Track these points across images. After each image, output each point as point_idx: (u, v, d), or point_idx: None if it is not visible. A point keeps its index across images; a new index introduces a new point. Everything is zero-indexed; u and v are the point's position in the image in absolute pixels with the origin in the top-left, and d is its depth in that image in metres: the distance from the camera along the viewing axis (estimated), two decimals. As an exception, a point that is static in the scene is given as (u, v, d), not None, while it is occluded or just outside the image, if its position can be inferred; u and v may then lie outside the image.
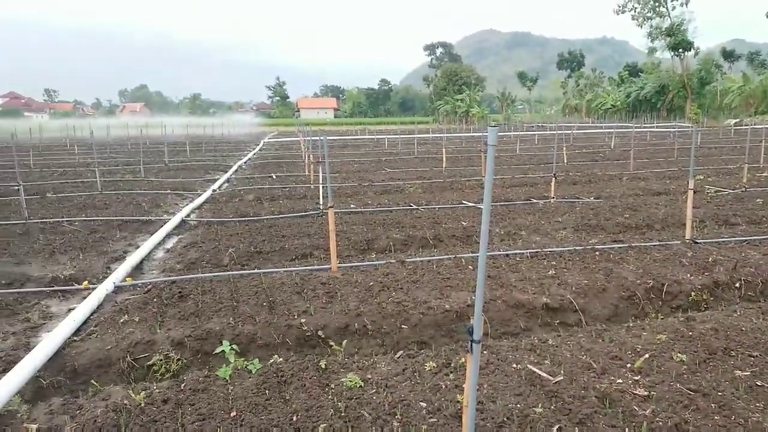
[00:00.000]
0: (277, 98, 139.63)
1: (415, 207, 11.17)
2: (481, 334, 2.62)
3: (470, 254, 7.35)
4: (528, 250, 7.47)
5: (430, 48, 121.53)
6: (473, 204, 11.25)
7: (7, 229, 9.77)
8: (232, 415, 3.56)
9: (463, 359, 4.27)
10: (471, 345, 2.62)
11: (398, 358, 4.55)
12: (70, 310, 6.02)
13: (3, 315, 5.80)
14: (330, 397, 3.78)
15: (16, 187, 10.56)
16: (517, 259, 7.15)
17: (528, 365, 4.16)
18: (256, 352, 4.93)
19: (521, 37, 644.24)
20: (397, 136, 36.06)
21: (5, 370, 4.64)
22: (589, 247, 7.55)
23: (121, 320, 5.46)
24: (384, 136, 36.66)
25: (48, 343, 4.88)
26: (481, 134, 31.05)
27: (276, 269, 7.04)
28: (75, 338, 5.15)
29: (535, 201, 11.58)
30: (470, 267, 6.81)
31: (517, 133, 41.76)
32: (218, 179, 17.12)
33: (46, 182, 16.34)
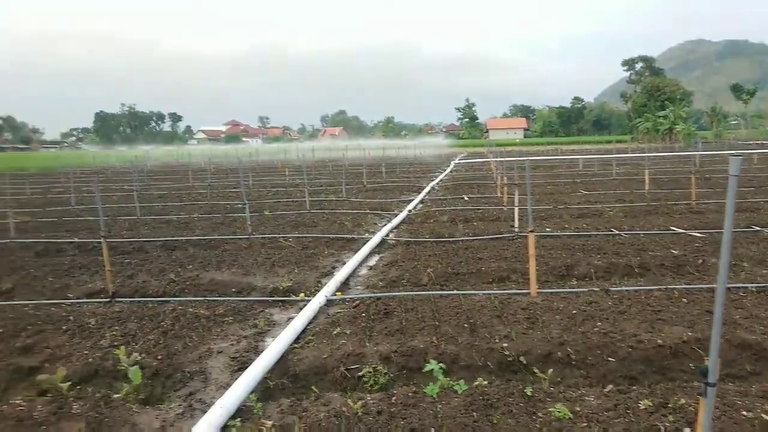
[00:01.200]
0: (466, 119, 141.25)
1: (617, 232, 10.62)
2: (717, 377, 2.44)
3: (684, 286, 6.81)
4: (753, 285, 6.72)
5: (629, 63, 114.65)
6: (684, 231, 10.39)
7: (235, 243, 11.07)
8: (442, 432, 3.68)
9: (683, 401, 3.97)
10: (705, 388, 2.46)
11: (608, 392, 4.36)
12: (290, 319, 6.65)
13: (237, 320, 6.57)
14: (538, 426, 3.75)
15: (242, 206, 11.95)
16: (741, 293, 6.47)
17: (762, 414, 3.75)
18: (458, 373, 5.03)
19: (736, 46, 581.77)
20: (593, 156, 34.49)
21: (240, 369, 5.28)
22: (832, 284, 6.59)
23: (334, 332, 5.90)
24: (578, 157, 35.29)
25: (273, 349, 5.44)
26: (691, 153, 28.53)
27: (475, 291, 7.13)
28: (295, 345, 5.67)
29: (758, 228, 10.37)
30: (684, 300, 6.31)
31: (732, 152, 37.70)
32: (412, 200, 17.75)
33: (262, 201, 18.20)
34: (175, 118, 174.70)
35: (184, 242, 11.34)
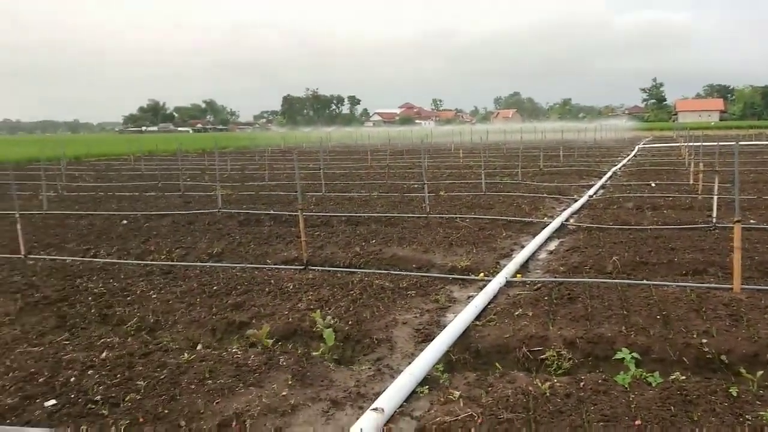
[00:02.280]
0: (653, 101, 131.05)
1: (839, 228, 9.31)
2: None
3: None
4: None
5: None
6: None
7: (414, 221, 11.42)
8: (636, 423, 3.56)
9: None
10: None
11: (831, 402, 3.90)
12: (469, 297, 6.76)
13: (419, 294, 6.82)
14: (747, 429, 3.47)
15: (418, 185, 12.29)
16: None
17: None
18: (650, 365, 4.79)
19: None
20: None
21: (423, 341, 5.50)
22: None
23: (516, 313, 5.90)
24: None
25: (455, 324, 5.58)
26: None
27: (667, 283, 6.71)
28: (477, 323, 5.76)
29: None
30: None
31: None
32: (593, 185, 16.97)
33: (437, 182, 18.49)
34: (354, 101, 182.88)
35: (366, 218, 11.93)
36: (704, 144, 16.55)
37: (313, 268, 8.13)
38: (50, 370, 4.76)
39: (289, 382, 4.44)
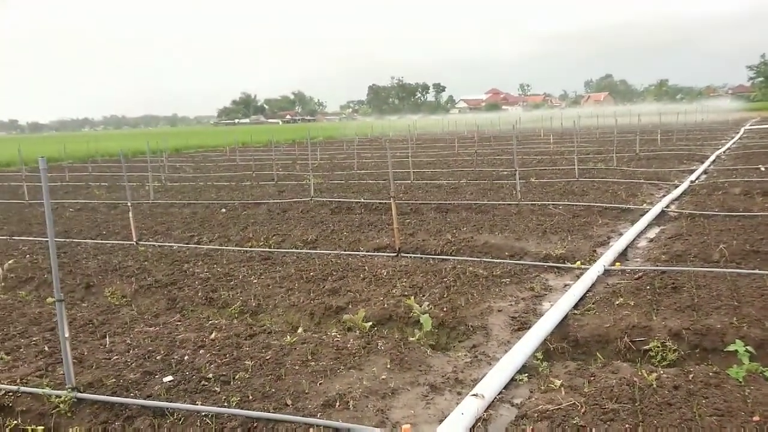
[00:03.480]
0: (760, 79, 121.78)
1: None
2: None
3: None
4: None
5: None
6: None
7: (504, 208, 11.28)
8: (755, 419, 3.38)
9: None
10: None
11: None
12: (565, 285, 6.62)
13: (513, 282, 6.75)
14: None
15: (506, 172, 12.09)
16: None
17: None
18: (765, 359, 4.52)
19: None
20: None
21: (519, 329, 5.45)
22: None
23: (616, 302, 5.72)
24: None
25: (553, 313, 5.49)
26: None
27: (783, 273, 6.29)
28: (575, 312, 5.64)
29: None
30: None
31: None
32: (695, 170, 16.08)
33: (527, 168, 18.11)
34: (439, 88, 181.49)
35: (456, 206, 11.89)
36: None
37: (406, 255, 8.21)
38: (166, 349, 5.11)
39: (388, 366, 4.53)
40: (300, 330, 5.71)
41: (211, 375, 4.51)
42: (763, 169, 15.66)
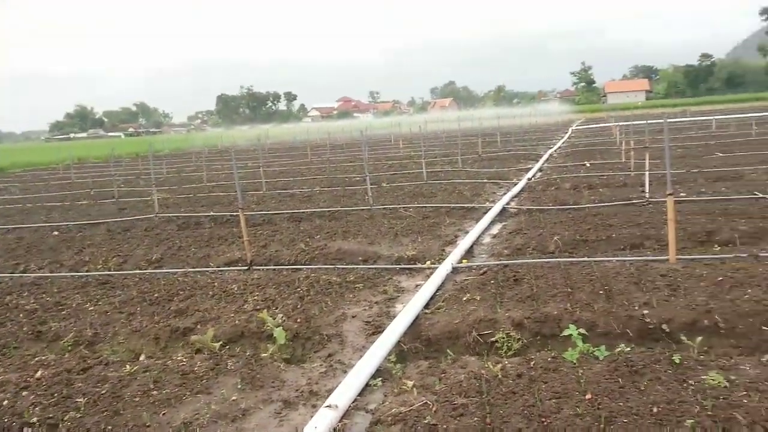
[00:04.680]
0: (582, 84, 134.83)
1: (761, 196, 9.78)
2: None
3: None
4: None
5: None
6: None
7: (356, 214, 11.36)
8: (587, 397, 3.61)
9: None
10: None
11: (766, 361, 4.08)
12: (417, 285, 6.75)
13: (366, 286, 6.77)
14: (691, 393, 3.58)
15: (359, 178, 12.23)
16: None
17: None
18: (596, 340, 4.89)
19: None
20: (728, 117, 31.84)
21: (374, 333, 5.45)
22: None
23: (464, 298, 5.93)
24: (710, 117, 32.72)
25: (405, 314, 5.55)
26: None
27: (607, 258, 6.89)
28: (426, 311, 5.76)
29: None
30: None
31: None
32: (531, 168, 17.32)
33: (379, 173, 18.47)
34: (290, 97, 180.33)
35: (309, 214, 11.79)
36: (633, 123, 17.14)
37: (258, 267, 7.96)
38: (-20, 395, 4.48)
39: (239, 386, 4.31)
40: (142, 357, 5.30)
41: (35, 419, 4.01)
42: (588, 165, 17.23)
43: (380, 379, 4.39)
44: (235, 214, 11.54)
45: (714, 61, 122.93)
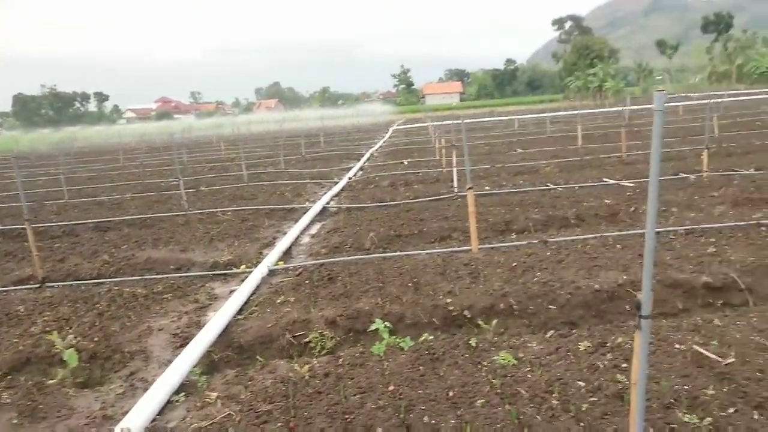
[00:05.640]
0: (402, 86, 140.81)
1: (552, 187, 10.85)
2: (650, 309, 2.51)
3: (618, 233, 7.04)
4: (682, 228, 7.01)
5: (559, 22, 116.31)
6: (616, 181, 10.72)
7: (170, 220, 10.74)
8: (390, 389, 3.69)
9: (620, 339, 4.12)
10: (639, 321, 2.52)
11: (549, 337, 4.47)
12: (231, 291, 6.50)
13: (176, 296, 6.39)
14: (483, 374, 3.81)
15: (175, 182, 11.60)
16: (671, 237, 6.74)
17: (693, 346, 3.92)
18: (405, 331, 5.05)
19: (659, 3, 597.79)
20: (527, 116, 35.09)
21: (182, 345, 5.15)
22: (753, 222, 6.93)
23: (278, 301, 5.82)
24: (513, 117, 35.83)
25: (216, 322, 5.32)
26: (620, 109, 29.36)
27: (418, 251, 7.17)
28: (239, 317, 5.57)
29: (685, 176, 10.81)
30: (618, 246, 6.52)
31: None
32: (352, 167, 17.65)
33: (199, 177, 17.71)
34: (101, 97, 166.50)
35: (117, 222, 10.92)
36: (445, 123, 18.18)
37: (52, 284, 7.18)
38: None
39: (15, 421, 3.81)
40: None
41: None
42: (405, 163, 17.96)
43: (184, 394, 4.13)
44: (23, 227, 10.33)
45: (517, 66, 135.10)
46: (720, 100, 28.73)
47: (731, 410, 3.15)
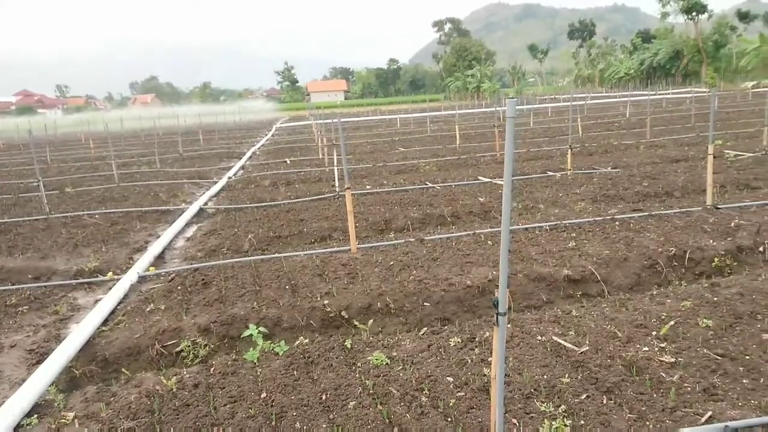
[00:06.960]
0: (287, 83, 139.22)
1: (431, 185, 11.15)
2: (507, 307, 2.62)
3: (489, 230, 7.34)
4: (547, 223, 7.44)
5: (439, 24, 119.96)
6: (489, 179, 11.20)
7: (29, 225, 9.91)
8: (262, 396, 3.61)
9: (487, 334, 4.29)
10: (497, 318, 2.63)
11: (422, 335, 4.58)
12: (97, 301, 6.12)
13: (33, 308, 5.91)
14: (357, 375, 3.83)
15: (36, 183, 10.70)
16: (537, 232, 7.14)
17: (553, 337, 4.17)
18: (281, 335, 4.98)
19: (531, 9, 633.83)
20: (409, 116, 35.85)
21: (39, 362, 4.76)
22: (608, 217, 7.50)
23: (148, 309, 5.54)
24: (396, 116, 36.52)
25: (78, 335, 4.97)
26: (494, 109, 30.73)
27: (296, 253, 7.09)
28: (104, 328, 5.24)
29: (551, 174, 11.51)
30: (489, 242, 6.81)
31: (530, 106, 41.26)
32: (233, 166, 17.20)
33: (64, 177, 16.52)
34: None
35: (-35, 229, 9.91)
36: (328, 121, 18.13)
37: None
38: None
39: None
40: None
41: None
42: (288, 161, 17.75)
43: (36, 416, 3.81)
44: None
45: (400, 66, 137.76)
46: (583, 102, 30.87)
47: (583, 396, 3.38)
